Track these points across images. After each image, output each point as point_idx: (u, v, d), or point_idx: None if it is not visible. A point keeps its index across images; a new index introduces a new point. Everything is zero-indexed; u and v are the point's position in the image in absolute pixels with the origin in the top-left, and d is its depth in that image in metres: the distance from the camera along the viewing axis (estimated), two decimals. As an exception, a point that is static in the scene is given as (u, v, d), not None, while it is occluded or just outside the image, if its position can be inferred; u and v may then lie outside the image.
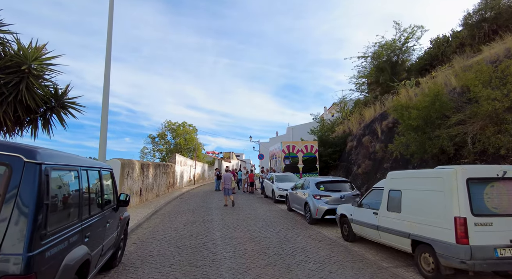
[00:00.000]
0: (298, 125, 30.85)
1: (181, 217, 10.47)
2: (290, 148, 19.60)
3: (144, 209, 11.90)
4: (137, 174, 12.77)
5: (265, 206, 13.61)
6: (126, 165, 10.99)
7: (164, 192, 18.73)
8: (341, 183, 9.77)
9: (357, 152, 19.30)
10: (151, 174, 15.42)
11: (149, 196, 15.13)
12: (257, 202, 15.24)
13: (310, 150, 19.73)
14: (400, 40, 22.86)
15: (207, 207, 13.09)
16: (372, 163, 16.59)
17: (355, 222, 6.74)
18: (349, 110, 27.31)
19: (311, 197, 9.39)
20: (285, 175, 16.65)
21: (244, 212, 11.62)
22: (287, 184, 14.90)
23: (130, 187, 11.75)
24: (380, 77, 23.08)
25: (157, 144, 43.90)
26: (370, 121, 19.88)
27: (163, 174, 18.51)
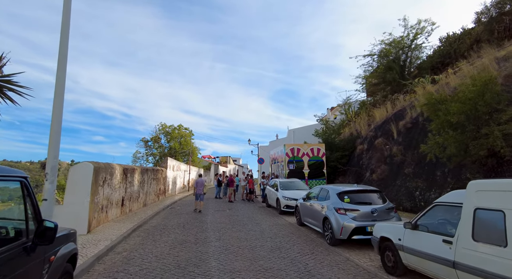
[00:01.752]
0: (300, 128, 28.97)
1: (168, 235, 8.42)
2: (294, 151, 17.66)
3: (124, 223, 9.82)
4: (117, 181, 10.71)
5: (270, 219, 11.58)
6: (101, 169, 8.94)
7: (153, 200, 16.62)
8: (370, 193, 7.81)
9: (369, 156, 17.42)
10: (136, 180, 13.34)
11: (134, 206, 13.04)
12: (259, 213, 13.20)
13: (317, 153, 17.80)
14: (409, 37, 21.28)
15: (201, 220, 11.03)
16: (388, 168, 14.69)
17: (408, 250, 4.76)
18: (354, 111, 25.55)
19: (332, 211, 7.41)
20: (291, 181, 14.65)
21: (246, 228, 9.59)
22: (294, 192, 12.92)
23: (108, 196, 9.69)
24: (388, 76, 21.42)
25: (151, 147, 41.72)
26: (382, 122, 18.06)
27: (152, 180, 16.43)
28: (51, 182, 4.87)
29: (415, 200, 11.42)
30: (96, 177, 8.48)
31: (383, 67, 22.25)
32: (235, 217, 11.98)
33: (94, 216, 8.41)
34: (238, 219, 11.34)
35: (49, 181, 4.85)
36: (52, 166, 4.91)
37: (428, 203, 10.83)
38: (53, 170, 4.91)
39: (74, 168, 7.97)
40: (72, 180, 7.88)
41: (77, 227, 7.78)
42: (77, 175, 7.95)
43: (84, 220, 7.80)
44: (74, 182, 7.88)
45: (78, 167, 8.02)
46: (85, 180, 7.99)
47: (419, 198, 11.23)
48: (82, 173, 8.02)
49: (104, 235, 7.86)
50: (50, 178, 4.87)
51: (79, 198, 7.83)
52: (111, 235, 7.83)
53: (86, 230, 7.83)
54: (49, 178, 4.85)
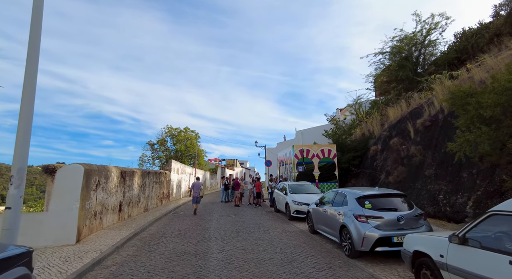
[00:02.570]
0: (308, 129, 27.95)
1: (166, 245, 7.56)
2: (304, 152, 16.69)
3: (120, 230, 9.01)
4: (114, 184, 9.93)
5: (279, 225, 10.64)
6: (94, 172, 8.16)
7: (155, 205, 15.84)
8: (394, 197, 6.82)
9: (383, 157, 16.35)
10: (136, 184, 12.56)
11: (134, 211, 12.25)
12: (267, 219, 12.27)
13: (328, 155, 16.80)
14: (422, 32, 20.25)
15: (204, 227, 10.16)
16: (406, 170, 13.61)
17: (456, 271, 3.79)
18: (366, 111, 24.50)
19: (351, 218, 6.45)
20: (301, 184, 13.69)
21: (252, 236, 8.67)
22: (305, 196, 11.96)
23: (102, 201, 8.90)
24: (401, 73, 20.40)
25: (157, 151, 41.17)
26: (397, 121, 16.99)
27: (154, 184, 15.66)
28: (17, 187, 4.06)
29: (438, 204, 10.36)
30: (87, 180, 7.70)
31: (396, 65, 21.26)
32: (241, 223, 11.08)
33: (84, 224, 7.61)
34: (244, 226, 10.43)
35: (14, 186, 4.04)
36: (19, 168, 4.11)
37: (454, 208, 9.76)
38: (19, 173, 4.11)
39: (62, 170, 7.21)
40: (59, 184, 7.11)
41: (64, 236, 7.01)
42: (65, 178, 7.17)
43: (72, 228, 7.01)
44: (61, 186, 7.11)
45: (66, 170, 7.25)
46: (74, 183, 7.21)
47: (444, 202, 10.16)
48: (71, 176, 7.25)
49: (94, 245, 7.05)
50: (16, 182, 4.06)
51: (66, 204, 7.05)
52: (102, 245, 7.01)
53: (74, 239, 7.03)
54: (15, 181, 4.05)
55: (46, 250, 6.51)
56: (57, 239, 6.83)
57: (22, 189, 4.14)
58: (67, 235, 6.92)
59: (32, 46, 4.46)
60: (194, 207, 13.86)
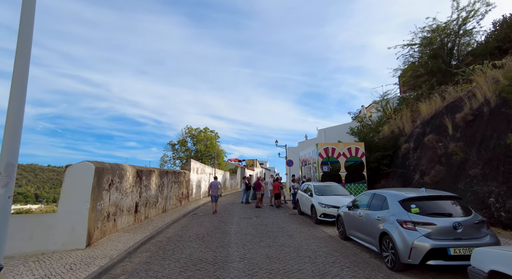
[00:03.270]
0: (331, 127, 26.70)
1: (182, 250, 6.88)
2: (328, 151, 15.65)
3: (135, 233, 8.45)
4: (129, 184, 9.41)
5: (305, 230, 9.73)
6: (106, 171, 7.63)
7: (174, 205, 15.34)
8: (445, 200, 5.76)
9: (417, 155, 15.00)
10: (154, 184, 12.06)
11: (151, 212, 11.74)
12: (291, 222, 11.38)
13: (355, 154, 15.66)
14: (458, 21, 18.59)
15: (223, 231, 9.43)
16: (445, 169, 12.27)
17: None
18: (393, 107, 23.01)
19: (394, 224, 5.47)
20: (327, 185, 12.68)
21: (277, 242, 7.83)
22: (333, 198, 10.97)
23: (116, 202, 8.38)
24: (434, 65, 18.86)
25: (177, 151, 41.28)
26: (431, 117, 15.60)
27: (173, 183, 15.17)
28: (4, 185, 3.46)
29: (489, 208, 9.07)
30: (99, 180, 7.17)
31: (427, 57, 19.74)
32: (263, 226, 10.27)
33: (96, 226, 7.08)
34: (267, 230, 9.61)
35: (2, 184, 3.44)
36: (7, 163, 3.51)
37: (511, 213, 8.49)
38: (8, 169, 3.51)
39: (71, 169, 6.70)
40: (68, 184, 6.60)
41: (74, 240, 6.46)
42: (74, 177, 6.67)
43: (81, 231, 6.48)
44: (70, 186, 6.60)
45: (75, 168, 6.74)
46: (84, 183, 6.69)
47: (496, 206, 8.87)
48: (81, 174, 6.73)
49: (105, 250, 6.48)
50: (3, 180, 3.46)
51: (75, 205, 6.53)
52: (113, 250, 6.43)
53: (84, 243, 6.49)
54: (2, 179, 3.45)
55: (54, 255, 5.99)
56: (66, 242, 6.31)
57: (11, 188, 3.54)
58: (76, 239, 6.40)
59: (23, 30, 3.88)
60: (213, 206, 14.17)
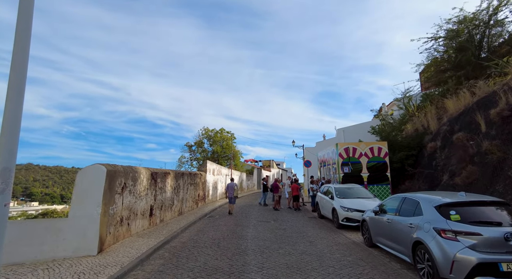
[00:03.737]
0: (351, 127, 25.79)
1: (197, 258, 6.50)
2: (349, 151, 14.95)
3: (149, 237, 8.17)
4: (144, 187, 9.18)
5: (326, 235, 9.16)
6: (119, 173, 7.38)
7: (190, 207, 15.10)
8: (490, 205, 5.08)
9: (445, 155, 14.04)
10: (169, 186, 11.82)
11: (167, 216, 11.50)
12: (311, 226, 10.82)
13: (378, 154, 14.89)
14: (488, 10, 17.37)
15: (240, 235, 9.01)
16: (479, 169, 11.33)
17: None
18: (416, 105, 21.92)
19: (430, 233, 4.86)
20: (350, 187, 12.03)
21: (297, 249, 7.32)
22: (356, 202, 10.33)
23: (130, 205, 8.14)
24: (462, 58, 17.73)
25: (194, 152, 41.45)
26: (460, 114, 14.58)
27: (189, 185, 14.93)
28: (0, 192, 3.17)
29: (533, 213, 8.16)
30: (111, 183, 6.92)
31: (453, 50, 18.63)
32: (282, 231, 9.77)
33: (108, 231, 6.83)
34: (285, 235, 9.12)
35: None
36: (3, 168, 3.22)
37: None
38: (4, 174, 3.22)
39: (82, 172, 6.49)
40: (79, 187, 6.38)
41: (85, 246, 6.20)
42: (85, 181, 6.44)
43: (93, 237, 6.23)
44: (81, 190, 6.37)
45: (86, 171, 6.52)
46: (95, 186, 6.45)
47: (542, 210, 7.97)
48: (92, 178, 6.50)
49: (116, 257, 6.20)
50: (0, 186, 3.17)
51: (87, 209, 6.29)
52: (125, 257, 6.14)
53: (96, 249, 6.24)
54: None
55: (64, 262, 5.76)
56: (77, 249, 6.08)
57: (7, 195, 3.24)
58: (87, 245, 6.15)
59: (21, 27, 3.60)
60: (230, 207, 14.36)
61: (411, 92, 23.11)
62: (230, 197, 14.42)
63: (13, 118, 3.38)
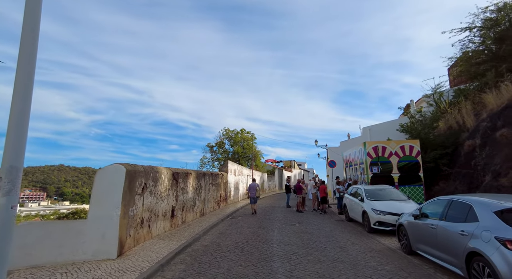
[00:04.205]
0: (377, 125, 24.63)
1: (220, 263, 6.08)
2: (378, 150, 14.08)
3: (171, 240, 7.87)
4: (165, 187, 8.92)
5: (357, 240, 8.48)
6: (139, 174, 7.12)
7: (212, 208, 14.81)
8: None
9: (486, 153, 12.87)
10: (191, 186, 11.55)
11: (189, 217, 11.23)
12: (339, 230, 10.15)
13: (409, 153, 13.93)
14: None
15: (264, 239, 8.52)
16: (528, 170, 10.25)
17: None
18: (449, 101, 20.54)
19: (491, 243, 4.15)
20: (381, 189, 11.23)
21: (327, 255, 6.74)
22: (389, 204, 9.56)
23: (151, 206, 7.88)
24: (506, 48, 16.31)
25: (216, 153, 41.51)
26: (503, 108, 13.34)
27: (210, 186, 14.65)
28: (6, 193, 2.88)
29: None
30: (130, 183, 6.66)
31: (491, 41, 17.21)
32: (309, 235, 9.19)
33: (128, 234, 6.57)
34: (313, 239, 8.53)
35: (3, 192, 2.86)
36: (10, 167, 2.93)
37: None
38: (11, 173, 2.93)
39: (101, 172, 6.26)
40: (98, 188, 6.16)
41: (104, 249, 5.92)
42: (104, 181, 6.20)
43: (112, 239, 5.97)
44: (100, 191, 6.14)
45: (105, 171, 6.29)
46: (114, 187, 6.20)
47: None
48: (111, 178, 6.25)
49: (136, 261, 5.90)
50: (5, 186, 2.88)
51: (106, 210, 6.05)
52: (145, 262, 5.82)
53: (115, 253, 5.97)
54: (4, 185, 2.87)
55: (83, 266, 5.52)
56: (96, 252, 5.84)
57: (14, 196, 2.95)
58: (107, 248, 5.90)
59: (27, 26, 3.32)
60: (253, 207, 14.65)
61: (442, 88, 21.73)
62: (252, 197, 14.71)
63: (20, 115, 3.10)
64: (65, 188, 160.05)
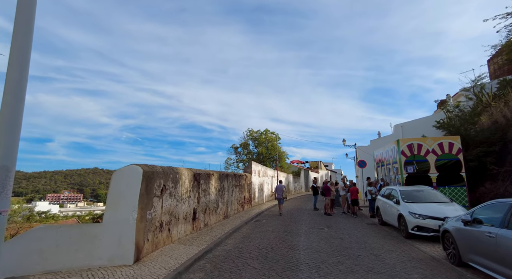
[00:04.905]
0: (411, 122, 23.07)
1: (241, 273, 5.56)
2: (413, 148, 12.97)
3: (191, 244, 7.50)
4: (185, 189, 8.59)
5: (394, 247, 7.64)
6: (157, 175, 6.81)
7: (236, 210, 14.40)
8: None
9: (541, 151, 11.44)
10: (213, 188, 11.19)
11: (211, 219, 10.86)
12: (372, 235, 9.30)
13: (449, 150, 12.71)
14: None
15: (290, 245, 7.91)
16: None
17: None
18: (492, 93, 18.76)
19: None
20: (418, 190, 10.23)
21: (361, 264, 6.02)
22: (429, 207, 8.61)
23: (170, 209, 7.56)
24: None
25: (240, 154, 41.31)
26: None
27: (234, 187, 14.25)
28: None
29: None
30: (148, 185, 6.35)
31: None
32: (339, 240, 8.46)
33: (146, 238, 6.25)
34: (343, 245, 7.80)
35: (-9, 195, 2.54)
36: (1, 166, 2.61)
37: None
38: (1, 173, 2.60)
39: (117, 173, 5.99)
40: (114, 190, 5.88)
41: (120, 254, 5.57)
42: (120, 183, 5.92)
43: (128, 244, 5.66)
44: (116, 193, 5.86)
45: (121, 172, 6.01)
46: (130, 189, 5.90)
47: None
48: (127, 179, 5.96)
49: (153, 267, 5.54)
50: (-7, 189, 2.56)
51: (122, 214, 5.76)
52: (163, 269, 5.45)
53: (132, 258, 5.66)
54: (-9, 188, 2.55)
55: (98, 272, 5.25)
56: (112, 257, 5.55)
57: (5, 199, 2.63)
58: (123, 253, 5.60)
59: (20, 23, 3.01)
60: (280, 207, 14.95)
61: (485, 80, 19.93)
62: (279, 198, 14.88)
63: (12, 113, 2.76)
64: (99, 190, 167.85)
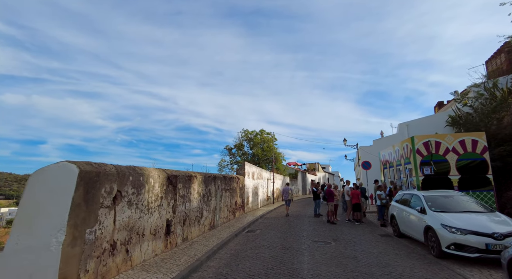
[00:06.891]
0: (417, 120, 21.36)
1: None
2: (431, 146, 11.19)
3: (158, 271, 5.56)
4: (155, 195, 6.66)
5: (426, 272, 5.75)
6: (105, 177, 4.87)
7: (226, 218, 12.46)
8: None
9: None
10: (196, 193, 9.26)
11: (193, 231, 8.92)
12: (392, 252, 7.43)
13: (472, 149, 10.96)
14: None
15: (291, 269, 6.00)
16: None
17: None
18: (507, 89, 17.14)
19: None
20: (446, 195, 8.39)
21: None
22: (467, 218, 6.76)
23: (129, 223, 5.62)
24: None
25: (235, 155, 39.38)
26: None
27: (223, 191, 12.32)
28: None
29: None
30: (89, 191, 4.42)
31: None
32: (352, 261, 6.57)
33: (85, 268, 4.31)
34: (360, 269, 5.91)
35: None
36: None
37: None
38: None
39: (36, 175, 4.03)
40: (29, 200, 3.94)
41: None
42: (40, 189, 3.99)
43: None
44: (32, 204, 3.93)
45: (43, 174, 4.06)
46: (57, 197, 3.97)
47: None
48: (52, 184, 4.03)
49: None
50: None
51: (39, 236, 3.82)
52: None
53: (53, 304, 3.71)
54: None
55: None
56: (20, 304, 3.61)
57: None
58: (37, 297, 3.66)
59: None
60: (286, 209, 15.81)
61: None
62: (286, 200, 15.91)
63: None
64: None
